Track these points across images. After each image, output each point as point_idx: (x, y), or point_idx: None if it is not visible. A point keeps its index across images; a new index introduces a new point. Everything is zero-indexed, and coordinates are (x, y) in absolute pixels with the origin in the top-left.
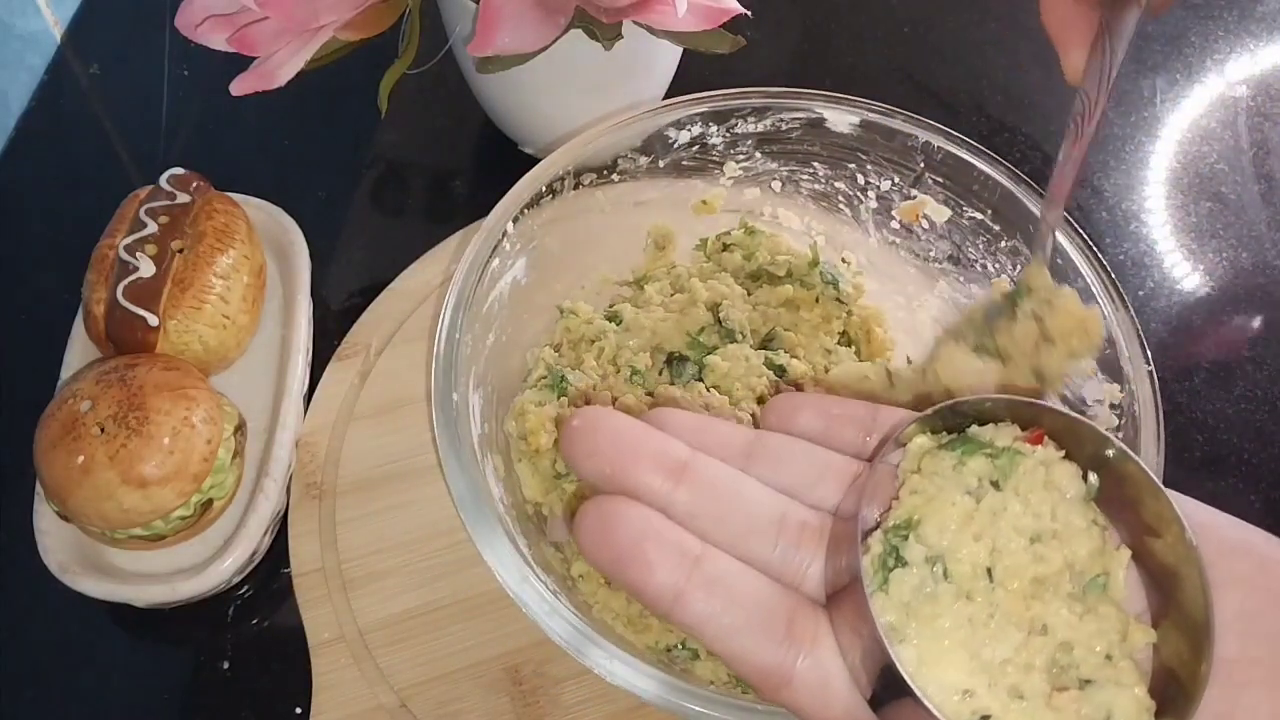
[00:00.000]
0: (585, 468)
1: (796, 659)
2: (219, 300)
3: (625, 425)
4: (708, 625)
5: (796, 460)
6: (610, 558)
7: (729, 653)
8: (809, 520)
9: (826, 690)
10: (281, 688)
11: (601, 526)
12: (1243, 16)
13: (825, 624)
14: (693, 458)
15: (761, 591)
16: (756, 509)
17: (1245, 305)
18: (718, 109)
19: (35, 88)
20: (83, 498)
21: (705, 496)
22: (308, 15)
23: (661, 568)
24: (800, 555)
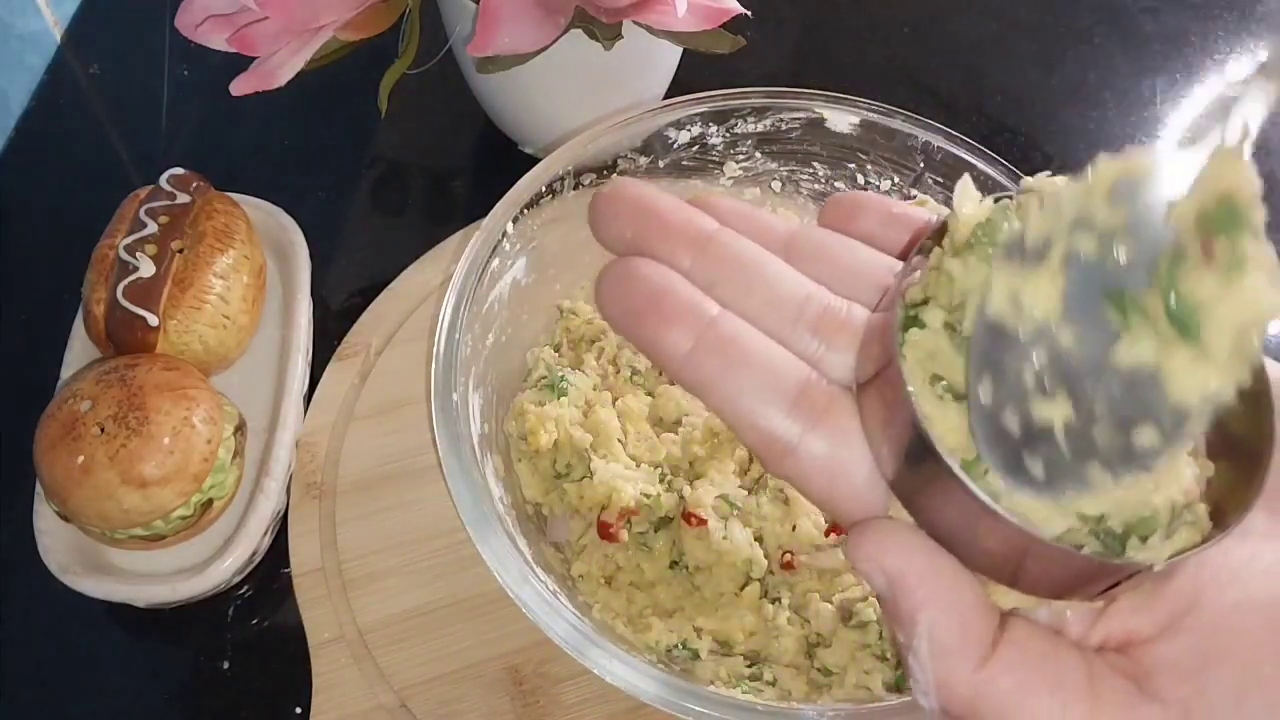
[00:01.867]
0: (607, 232)
1: (802, 429)
2: (219, 300)
3: (652, 194)
4: (715, 385)
5: (839, 255)
6: (625, 312)
7: (734, 415)
8: (835, 305)
9: (834, 468)
10: (281, 688)
11: (619, 281)
12: (1243, 16)
13: (841, 404)
14: (721, 231)
15: (774, 357)
16: (780, 285)
17: None
18: (718, 109)
19: (35, 88)
20: (83, 498)
21: (728, 267)
22: (308, 15)
23: (676, 324)
24: (820, 337)
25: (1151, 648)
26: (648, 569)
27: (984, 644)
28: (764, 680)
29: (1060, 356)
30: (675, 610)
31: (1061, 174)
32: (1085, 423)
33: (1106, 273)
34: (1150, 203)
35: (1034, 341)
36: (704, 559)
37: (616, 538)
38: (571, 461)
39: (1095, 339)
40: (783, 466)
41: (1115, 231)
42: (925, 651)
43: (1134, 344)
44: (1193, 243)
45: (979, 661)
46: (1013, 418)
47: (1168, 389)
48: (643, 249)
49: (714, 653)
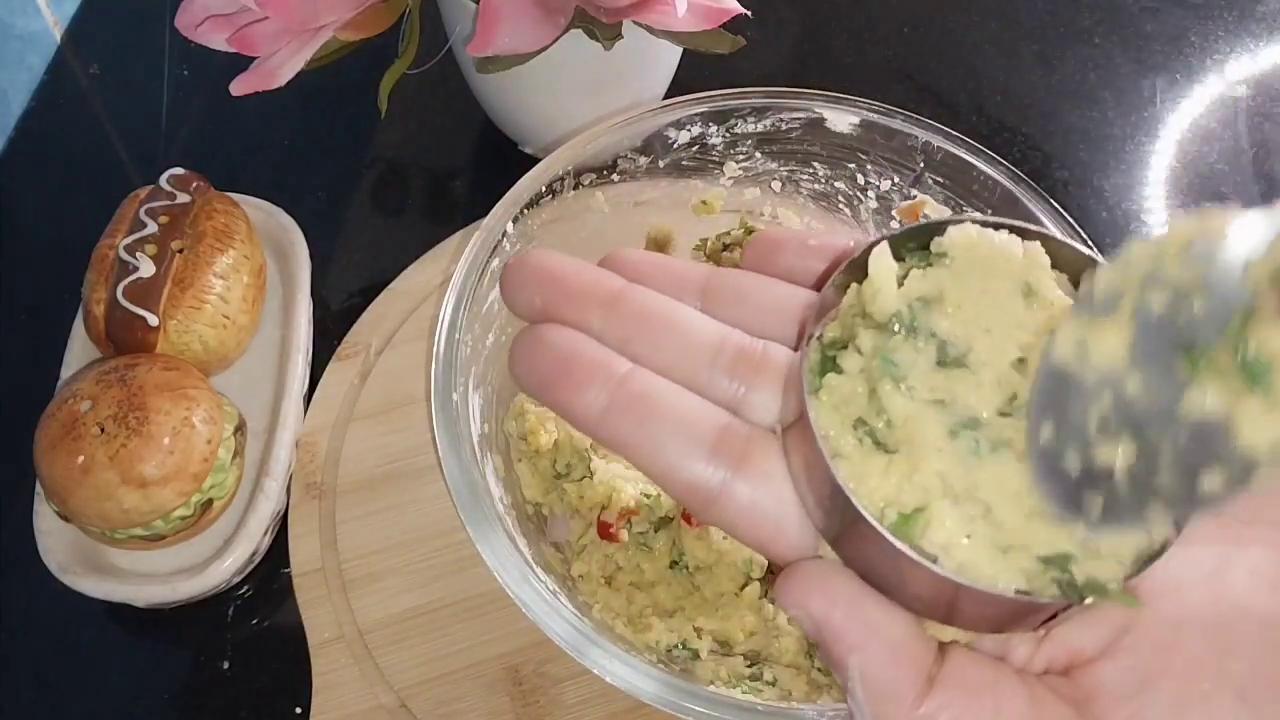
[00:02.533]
0: (517, 301)
1: (724, 475)
2: (219, 300)
3: (559, 261)
4: (632, 442)
5: (756, 295)
6: (538, 381)
7: (656, 470)
8: (749, 346)
9: (760, 512)
10: (281, 688)
11: (529, 350)
12: (1243, 16)
13: (763, 446)
14: (628, 288)
15: (689, 407)
16: (693, 333)
17: None
18: (718, 109)
19: (35, 88)
20: (83, 498)
21: (637, 322)
22: (308, 15)
23: (587, 387)
24: (738, 379)
25: (1092, 669)
26: (648, 569)
27: (918, 681)
28: (764, 680)
29: (1125, 403)
30: (675, 610)
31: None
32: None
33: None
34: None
35: (1099, 387)
36: (704, 559)
37: (616, 538)
38: (571, 461)
39: (1163, 388)
40: (710, 514)
41: (1188, 288)
42: (860, 694)
43: (1203, 393)
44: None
45: (915, 699)
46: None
47: (1237, 437)
48: (553, 315)
49: (714, 653)
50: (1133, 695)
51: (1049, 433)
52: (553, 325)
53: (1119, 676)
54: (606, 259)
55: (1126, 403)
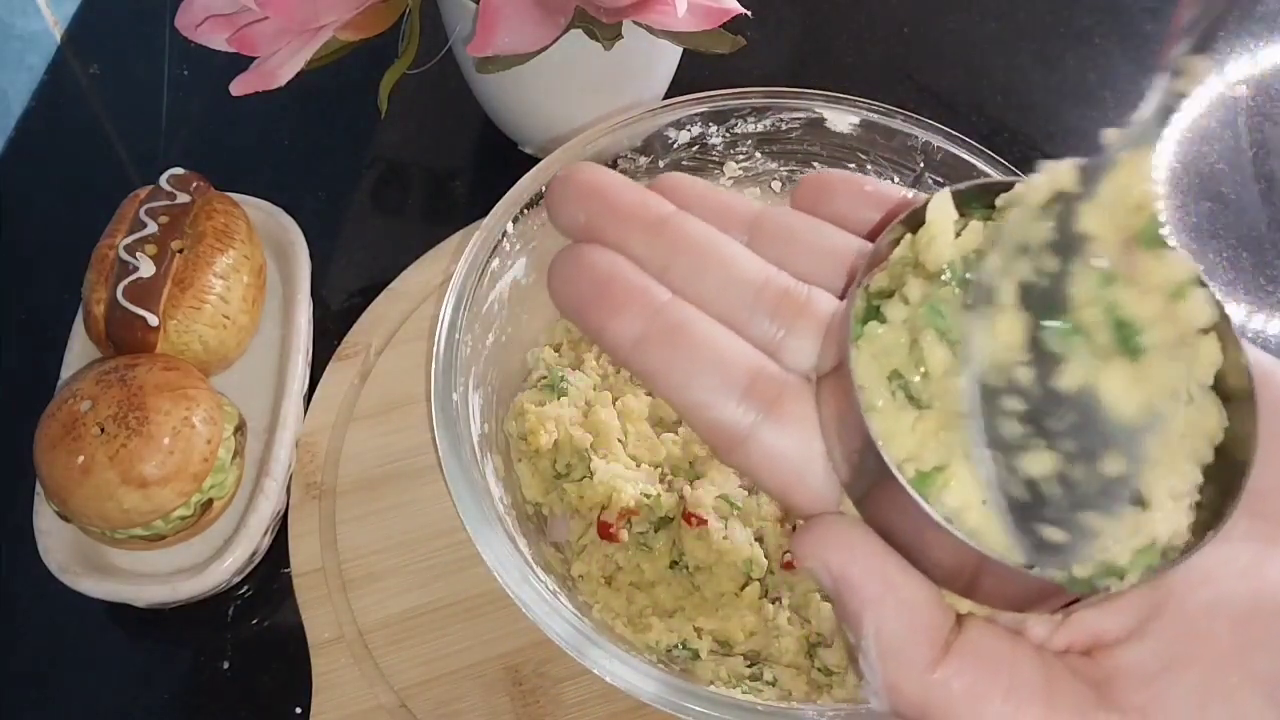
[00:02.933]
0: (561, 216)
1: (754, 419)
2: (219, 300)
3: (609, 178)
4: (663, 373)
5: (805, 237)
6: (575, 301)
7: (684, 405)
8: (793, 289)
9: (786, 460)
10: (281, 688)
11: (568, 269)
12: (1243, 16)
13: (796, 392)
14: (675, 214)
15: (724, 345)
16: (736, 269)
17: (1245, 305)
18: (718, 109)
19: (35, 88)
20: (83, 498)
21: (681, 251)
22: (308, 15)
23: (623, 311)
24: (778, 322)
25: (1116, 651)
26: (648, 569)
27: (935, 645)
28: (764, 680)
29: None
30: (675, 610)
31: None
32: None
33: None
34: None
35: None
36: (704, 559)
37: (616, 538)
38: (571, 461)
39: (1049, 369)
40: (734, 457)
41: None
42: (873, 652)
43: (1075, 368)
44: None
45: (930, 663)
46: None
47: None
48: (596, 234)
49: (714, 653)
50: (1154, 679)
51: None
52: (594, 245)
53: (1142, 659)
54: (657, 182)
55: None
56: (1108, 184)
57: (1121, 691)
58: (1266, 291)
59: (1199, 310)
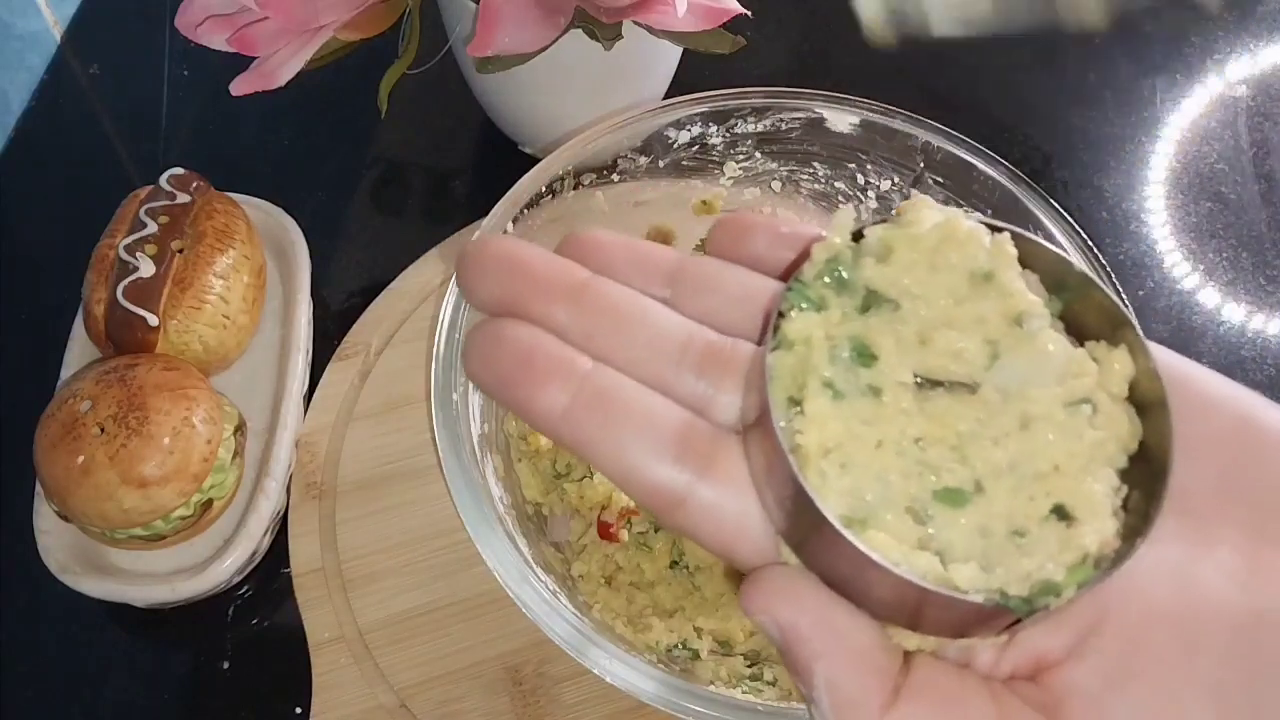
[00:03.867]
0: (475, 294)
1: (688, 478)
2: (219, 300)
3: (519, 249)
4: (595, 442)
5: (726, 285)
6: (496, 378)
7: (618, 471)
8: (718, 344)
9: (725, 517)
10: (281, 688)
11: (487, 345)
12: (1243, 16)
13: (728, 449)
14: (592, 279)
15: (652, 407)
16: (659, 329)
17: (1245, 305)
18: (718, 109)
19: (35, 88)
20: (83, 498)
21: (602, 317)
22: (308, 15)
23: (548, 384)
24: (705, 378)
25: (1060, 672)
26: (648, 569)
27: (884, 691)
28: (764, 680)
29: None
30: (675, 610)
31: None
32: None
33: None
34: None
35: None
36: (704, 559)
37: (616, 538)
38: (571, 461)
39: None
40: (675, 519)
41: None
42: (825, 704)
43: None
44: None
45: (880, 710)
46: None
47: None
48: (513, 308)
49: (714, 653)
50: (1100, 697)
51: None
52: (511, 320)
53: (1087, 678)
54: (570, 240)
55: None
56: None
57: (1070, 714)
58: (1266, 291)
59: None
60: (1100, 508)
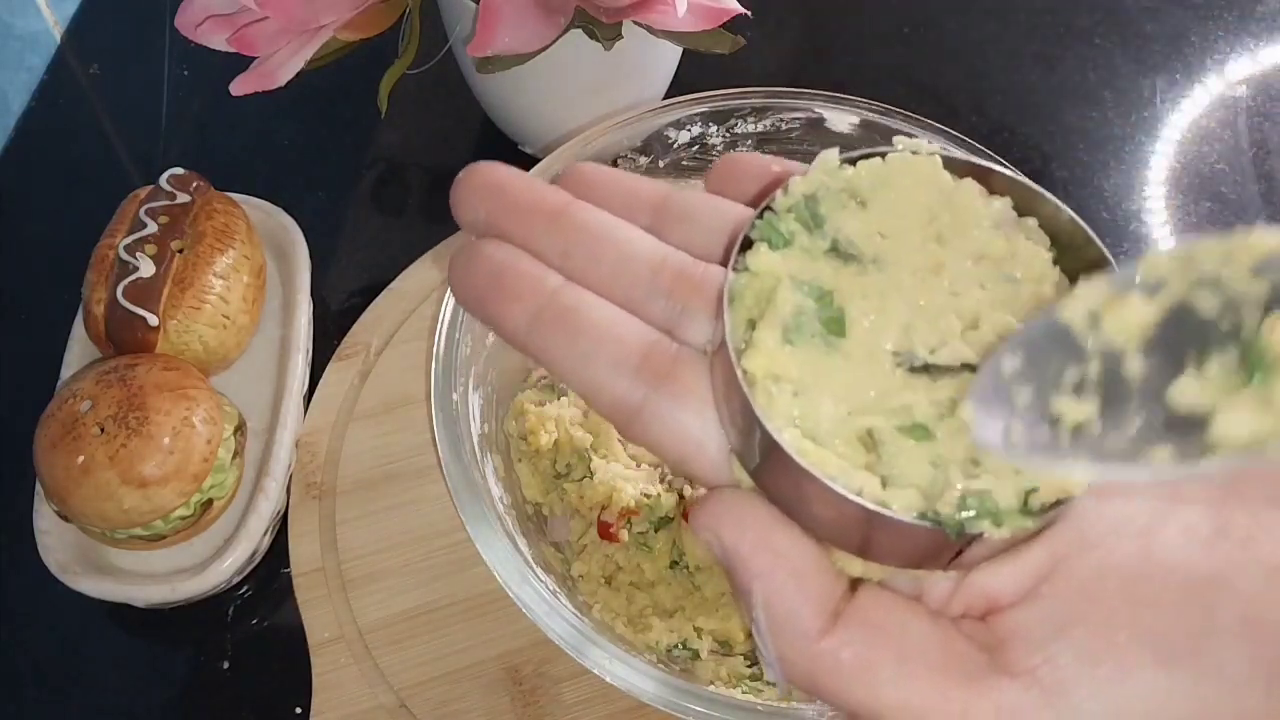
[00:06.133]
0: (463, 215)
1: (645, 392)
2: (219, 300)
3: (507, 174)
4: (558, 356)
5: (707, 217)
6: (472, 294)
7: (580, 384)
8: (689, 267)
9: (681, 432)
10: (281, 688)
11: (466, 264)
12: (1243, 16)
13: (689, 366)
14: (572, 203)
15: (616, 324)
16: (633, 251)
17: None
18: (718, 109)
19: (35, 88)
20: (83, 498)
21: (578, 238)
22: (308, 15)
23: (517, 299)
24: (675, 300)
25: (1009, 615)
26: (648, 569)
27: (823, 615)
28: (764, 680)
29: (1115, 377)
30: (675, 610)
31: None
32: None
33: (1213, 334)
34: None
35: (1097, 356)
36: (704, 559)
37: (616, 538)
38: (571, 461)
39: (1162, 376)
40: (633, 431)
41: (1246, 301)
42: (763, 623)
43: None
44: None
45: (819, 633)
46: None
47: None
48: (496, 229)
49: (714, 653)
50: (1046, 642)
51: (1013, 366)
52: (491, 240)
53: (1034, 623)
54: (564, 174)
55: (1117, 377)
56: None
57: (1014, 655)
58: None
59: None
60: None
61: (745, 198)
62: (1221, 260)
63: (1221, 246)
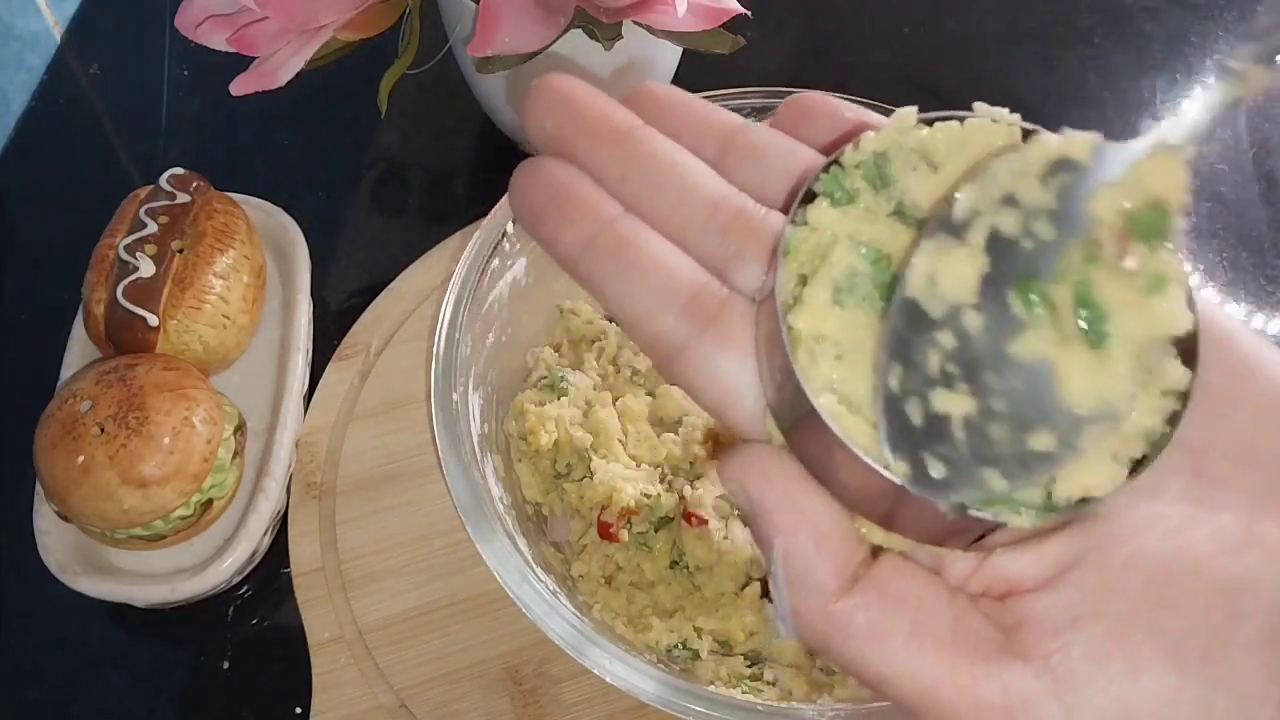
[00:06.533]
0: (532, 125)
1: (688, 333)
2: (219, 300)
3: (581, 89)
4: (607, 285)
5: (776, 158)
6: (529, 211)
7: (625, 316)
8: (749, 209)
9: (719, 376)
10: (281, 688)
11: (526, 180)
12: (1243, 16)
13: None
14: (639, 128)
15: (669, 259)
16: (693, 186)
17: (1245, 305)
18: None
19: (35, 88)
20: (83, 498)
21: (640, 164)
22: (308, 15)
23: (574, 223)
24: (730, 242)
25: (1028, 599)
26: (648, 569)
27: (841, 576)
28: (764, 680)
29: (967, 343)
30: (675, 610)
31: None
32: (985, 420)
33: (1023, 258)
34: (1081, 190)
35: (944, 324)
36: (704, 559)
37: (616, 538)
38: (571, 461)
39: (1002, 328)
40: (671, 369)
41: (1040, 213)
42: (781, 576)
43: (1034, 337)
44: (1111, 240)
45: (835, 594)
46: (916, 408)
47: (1062, 391)
48: (561, 144)
49: (714, 653)
50: (1063, 630)
51: (897, 377)
52: (554, 158)
53: (1053, 610)
54: (636, 91)
55: (967, 342)
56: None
57: (1029, 639)
58: (1266, 292)
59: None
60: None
61: (814, 141)
62: (1016, 174)
63: (1012, 158)
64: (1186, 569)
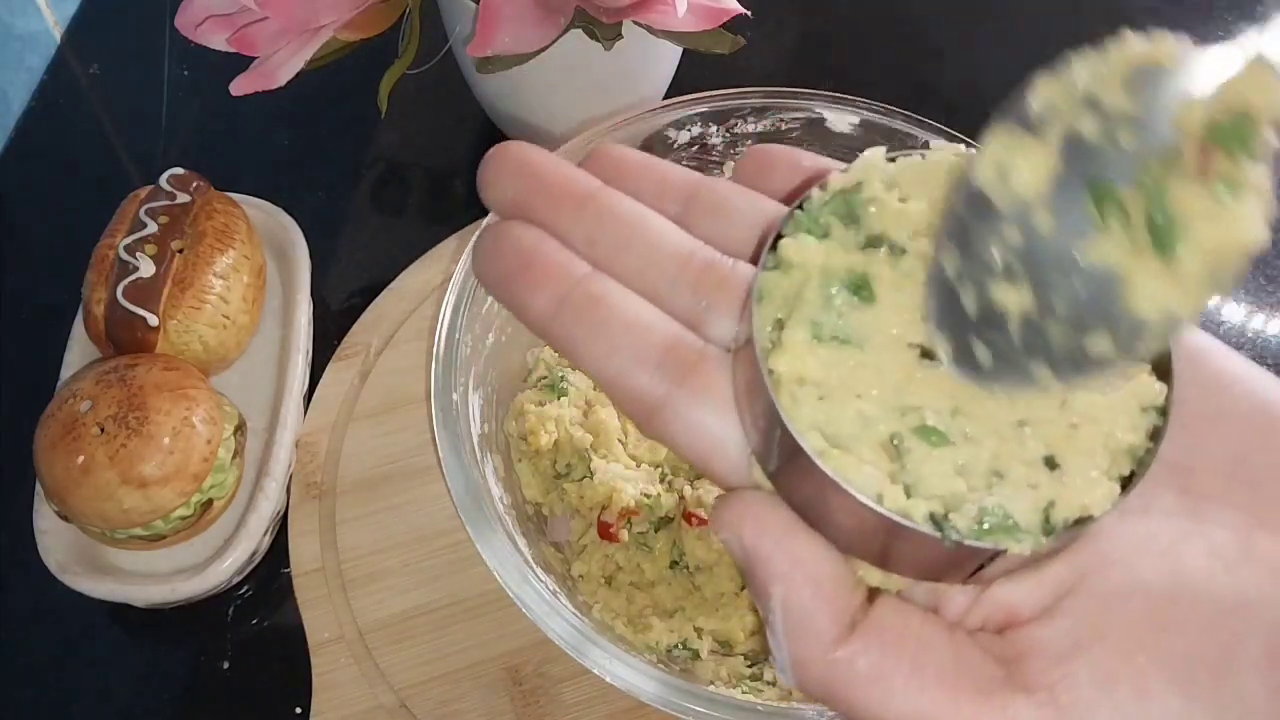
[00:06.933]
0: (490, 195)
1: (668, 388)
2: (219, 300)
3: (538, 155)
4: (581, 345)
5: (740, 210)
6: (497, 276)
7: (601, 376)
8: (717, 262)
9: (701, 430)
10: (281, 688)
11: (491, 245)
12: (1243, 16)
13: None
14: (602, 189)
15: (641, 316)
16: (660, 242)
17: (1245, 305)
18: (718, 109)
19: (35, 88)
20: (83, 498)
21: (605, 225)
22: (308, 15)
23: (543, 286)
24: (700, 295)
25: (1028, 630)
26: (648, 569)
27: (841, 622)
28: (764, 680)
29: (1034, 242)
30: (675, 610)
31: None
32: (1043, 317)
33: (1100, 162)
34: (1166, 96)
35: (1012, 219)
36: (704, 559)
37: (616, 538)
38: (571, 461)
39: (1071, 230)
40: (652, 426)
41: (1121, 119)
42: (780, 627)
43: (1105, 243)
44: (1193, 150)
45: (835, 640)
46: (971, 297)
47: (1129, 298)
48: (523, 210)
49: (714, 653)
50: (1065, 659)
51: (953, 264)
52: (518, 222)
53: (1054, 639)
54: (593, 154)
55: (1034, 241)
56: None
57: (1031, 671)
58: (1267, 292)
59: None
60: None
61: (775, 191)
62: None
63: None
64: (1185, 589)
